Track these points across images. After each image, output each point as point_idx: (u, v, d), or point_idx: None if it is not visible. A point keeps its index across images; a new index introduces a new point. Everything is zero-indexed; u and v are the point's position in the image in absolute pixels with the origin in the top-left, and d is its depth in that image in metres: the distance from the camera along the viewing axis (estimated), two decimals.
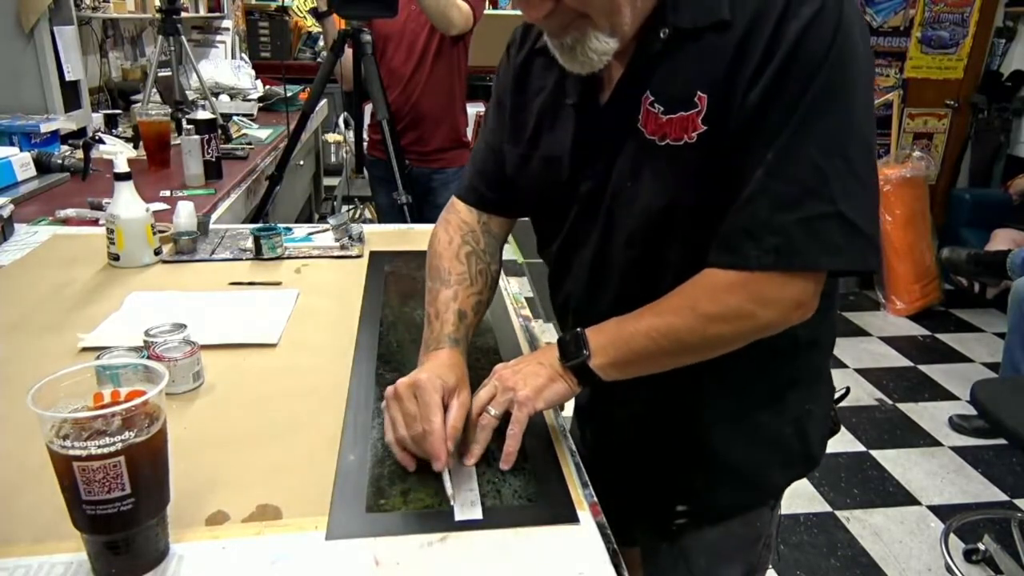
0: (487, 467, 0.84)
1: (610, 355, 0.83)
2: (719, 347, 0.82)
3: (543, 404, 0.84)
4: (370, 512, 0.76)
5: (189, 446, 0.85)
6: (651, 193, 0.83)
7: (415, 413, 0.82)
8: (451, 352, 0.92)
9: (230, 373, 1.04)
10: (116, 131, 2.67)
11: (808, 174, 0.74)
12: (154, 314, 1.15)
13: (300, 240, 1.60)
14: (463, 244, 1.03)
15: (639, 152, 0.84)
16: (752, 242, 0.76)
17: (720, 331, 0.79)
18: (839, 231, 0.74)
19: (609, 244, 0.90)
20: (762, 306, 0.78)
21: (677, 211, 0.82)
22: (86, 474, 0.61)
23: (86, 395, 0.67)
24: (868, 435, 2.85)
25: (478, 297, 1.00)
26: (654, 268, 0.87)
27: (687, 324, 0.80)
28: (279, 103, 3.36)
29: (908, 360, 3.49)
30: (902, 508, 2.44)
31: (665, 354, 0.82)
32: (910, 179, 3.90)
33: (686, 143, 0.79)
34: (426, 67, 2.50)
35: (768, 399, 0.95)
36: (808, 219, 0.74)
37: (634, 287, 0.88)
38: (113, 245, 1.40)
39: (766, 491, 1.01)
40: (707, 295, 0.79)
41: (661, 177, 0.82)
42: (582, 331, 0.85)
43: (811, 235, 0.74)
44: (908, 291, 3.95)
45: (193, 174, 2.09)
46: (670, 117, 0.80)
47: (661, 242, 0.85)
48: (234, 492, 0.78)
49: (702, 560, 1.02)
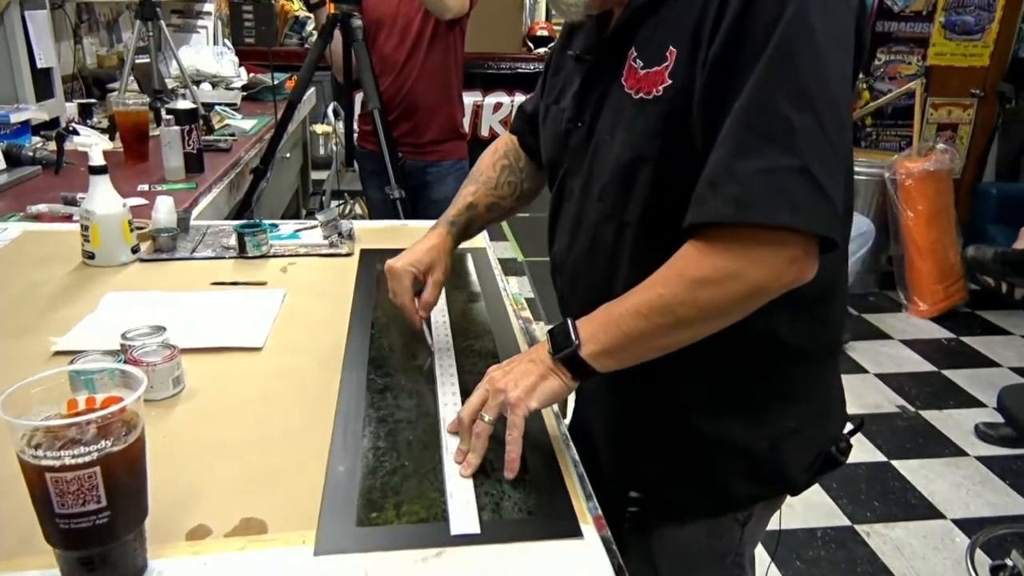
0: (485, 478, 0.84)
1: (601, 341, 0.83)
2: (714, 316, 0.80)
3: (537, 403, 0.84)
4: (361, 526, 0.76)
5: (169, 456, 0.85)
6: (621, 146, 0.89)
7: (395, 291, 1.09)
8: (440, 233, 1.14)
9: (212, 378, 1.03)
10: (91, 122, 2.67)
11: (775, 123, 0.74)
12: (131, 316, 1.15)
13: (286, 237, 1.60)
14: (503, 157, 1.22)
15: (618, 106, 0.89)
16: (712, 191, 0.76)
17: (711, 296, 0.78)
18: (803, 188, 0.74)
19: (587, 198, 0.96)
20: (750, 263, 0.77)
21: (641, 166, 0.87)
22: (59, 486, 0.61)
23: (59, 402, 0.66)
24: (889, 444, 2.85)
25: (496, 199, 1.19)
26: (618, 225, 0.91)
27: (676, 293, 0.79)
28: (264, 92, 3.36)
29: (931, 365, 3.49)
30: (925, 522, 2.44)
31: (659, 331, 0.81)
32: (933, 173, 3.91)
33: (653, 97, 0.85)
34: (420, 53, 2.50)
35: (743, 406, 0.95)
36: (771, 170, 0.74)
37: (601, 243, 0.94)
38: (88, 243, 1.40)
39: (729, 501, 1.00)
40: (692, 260, 0.79)
41: (630, 131, 0.88)
42: (572, 321, 0.86)
43: (773, 187, 0.74)
44: (931, 291, 3.96)
45: (173, 167, 2.08)
46: (647, 72, 0.85)
47: (626, 198, 0.90)
48: (216, 505, 0.78)
49: (666, 562, 1.04)
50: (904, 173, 3.92)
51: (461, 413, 0.88)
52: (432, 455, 0.88)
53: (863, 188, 4.10)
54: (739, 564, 1.06)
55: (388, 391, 1.02)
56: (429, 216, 1.60)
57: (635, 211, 0.89)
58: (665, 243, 0.83)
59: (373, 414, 0.96)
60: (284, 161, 3.19)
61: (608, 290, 0.91)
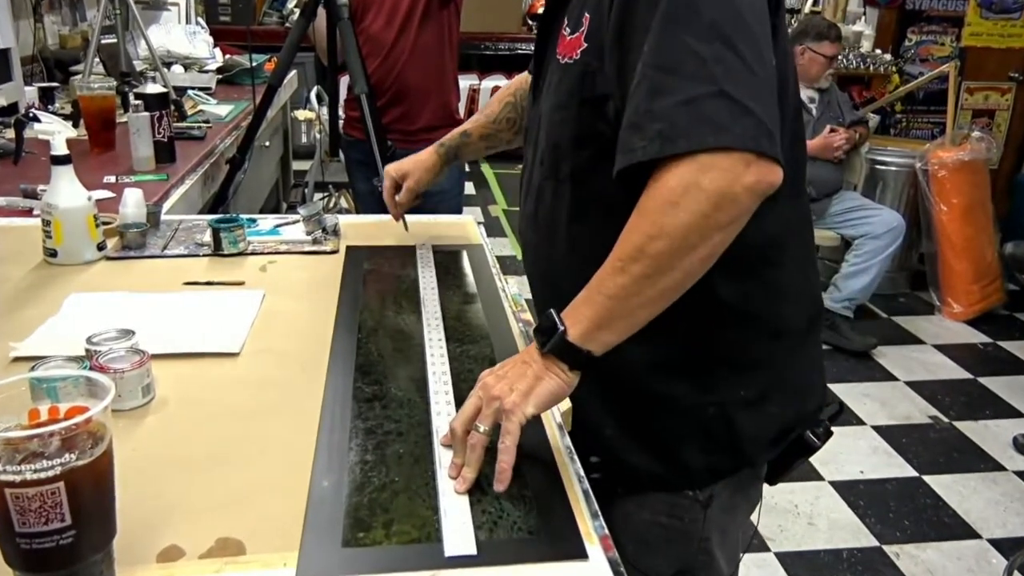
0: (482, 494, 0.84)
1: (587, 317, 0.85)
2: (690, 244, 0.81)
3: (534, 408, 0.85)
4: (347, 547, 0.76)
5: (138, 470, 0.85)
6: (550, 109, 1.02)
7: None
8: (428, 150, 1.43)
9: (185, 387, 1.04)
10: (53, 107, 2.67)
11: (684, 59, 0.81)
12: (97, 319, 1.15)
13: (266, 233, 1.60)
14: (510, 94, 1.40)
15: (551, 72, 1.02)
16: (637, 133, 0.82)
17: (678, 220, 0.80)
18: (725, 109, 0.79)
19: (534, 164, 1.09)
20: (701, 172, 0.79)
21: (564, 126, 0.99)
22: (20, 503, 0.61)
23: (20, 412, 0.67)
24: (920, 458, 2.86)
25: (493, 131, 1.40)
26: (555, 184, 1.03)
27: (642, 229, 0.82)
28: (241, 75, 3.37)
29: (966, 371, 3.50)
30: (959, 542, 2.44)
31: (642, 282, 0.83)
32: (968, 163, 3.91)
33: (573, 60, 0.96)
34: (411, 33, 2.50)
35: (688, 367, 1.00)
36: (688, 100, 0.80)
37: (542, 205, 1.07)
38: (50, 239, 1.40)
39: (683, 471, 1.05)
40: (645, 198, 0.83)
41: (556, 93, 1.00)
42: (554, 311, 0.88)
43: (694, 115, 0.79)
44: (966, 292, 3.96)
45: (142, 157, 2.09)
46: (571, 37, 0.97)
47: (557, 157, 1.02)
48: (190, 524, 0.78)
49: (630, 545, 1.07)
50: (937, 163, 3.92)
51: (453, 423, 0.88)
52: (424, 470, 0.88)
53: (892, 180, 4.11)
54: (706, 551, 1.09)
55: (376, 400, 1.02)
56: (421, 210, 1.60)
57: (566, 169, 1.01)
58: (596, 199, 0.97)
59: (360, 425, 0.96)
60: (263, 150, 3.20)
61: (549, 251, 1.07)
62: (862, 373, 3.44)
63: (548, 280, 1.11)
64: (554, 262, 1.07)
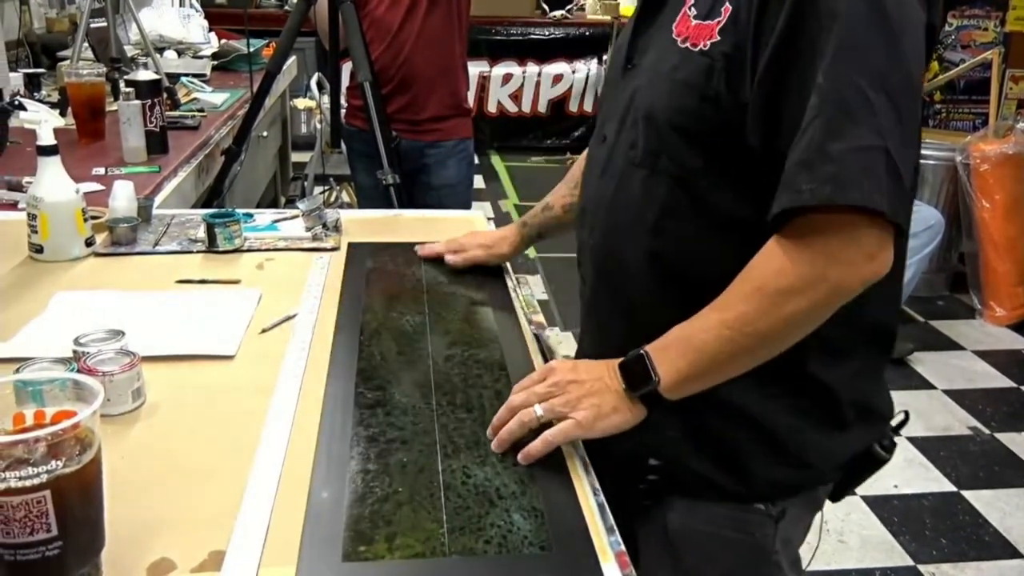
0: (491, 507, 0.84)
1: (682, 371, 0.92)
2: (796, 328, 0.90)
3: (598, 434, 0.93)
4: (348, 561, 0.76)
5: (128, 479, 0.85)
6: (657, 93, 0.99)
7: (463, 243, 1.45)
8: (511, 227, 1.43)
9: (177, 391, 1.04)
10: (39, 95, 2.69)
11: (858, 103, 0.83)
12: (85, 318, 1.16)
13: (263, 229, 1.61)
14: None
15: (662, 52, 1.00)
16: (807, 173, 0.84)
17: (796, 307, 0.87)
18: (885, 169, 0.82)
19: (618, 143, 1.06)
20: (830, 264, 0.86)
21: (672, 117, 0.97)
22: (4, 512, 0.62)
23: (4, 416, 0.67)
24: (959, 472, 2.84)
25: (572, 198, 1.30)
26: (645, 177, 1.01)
27: (759, 308, 0.88)
28: (238, 61, 3.37)
29: (1009, 380, 3.48)
30: (1000, 562, 2.43)
31: (742, 352, 0.91)
32: (1012, 156, 3.89)
33: (700, 49, 0.94)
34: (418, 17, 2.50)
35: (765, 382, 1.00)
36: (861, 149, 0.82)
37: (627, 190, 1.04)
38: (36, 234, 1.41)
39: (747, 480, 1.04)
40: (771, 271, 0.88)
41: (669, 80, 0.97)
42: (646, 351, 0.94)
43: (865, 167, 0.82)
44: (1010, 295, 3.94)
45: (133, 147, 2.09)
46: (699, 23, 0.95)
47: (656, 152, 0.99)
48: (181, 536, 0.79)
49: (688, 557, 1.08)
50: (979, 157, 3.90)
51: (514, 396, 0.96)
52: (429, 480, 0.88)
53: (930, 174, 4.08)
54: (777, 564, 1.09)
55: (379, 406, 1.02)
56: (427, 205, 1.61)
57: (666, 164, 0.98)
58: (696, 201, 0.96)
59: (362, 432, 0.96)
60: (260, 141, 3.21)
61: (622, 244, 1.05)
62: (897, 381, 3.42)
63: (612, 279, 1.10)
64: (624, 259, 1.05)
